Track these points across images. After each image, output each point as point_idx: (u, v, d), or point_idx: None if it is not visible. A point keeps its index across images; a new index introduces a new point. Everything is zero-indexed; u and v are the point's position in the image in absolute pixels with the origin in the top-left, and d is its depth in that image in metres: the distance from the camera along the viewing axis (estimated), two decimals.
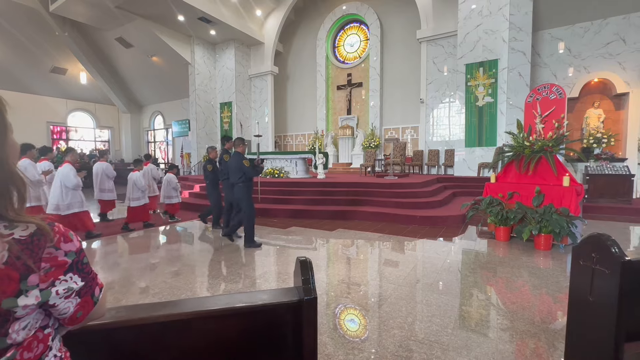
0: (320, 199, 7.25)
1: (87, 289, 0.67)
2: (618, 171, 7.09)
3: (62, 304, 0.63)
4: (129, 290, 3.13)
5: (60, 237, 0.63)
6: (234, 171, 4.53)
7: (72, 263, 0.64)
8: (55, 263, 0.62)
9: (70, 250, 0.65)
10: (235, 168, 4.50)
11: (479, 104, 9.21)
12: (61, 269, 0.62)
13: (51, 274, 0.61)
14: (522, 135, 5.07)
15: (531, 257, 4.00)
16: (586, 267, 1.37)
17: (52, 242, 0.62)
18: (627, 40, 8.50)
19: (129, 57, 15.03)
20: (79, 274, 0.66)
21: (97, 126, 19.21)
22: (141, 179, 6.03)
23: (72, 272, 0.64)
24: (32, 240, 0.59)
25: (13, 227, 0.59)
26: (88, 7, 11.47)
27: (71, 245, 0.65)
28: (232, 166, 4.59)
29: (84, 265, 0.67)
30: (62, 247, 0.63)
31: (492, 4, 8.83)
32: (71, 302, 0.65)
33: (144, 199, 6.08)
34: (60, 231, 0.64)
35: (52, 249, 0.61)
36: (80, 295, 0.66)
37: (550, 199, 4.56)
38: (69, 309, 0.65)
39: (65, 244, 0.64)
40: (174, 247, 4.84)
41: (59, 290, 0.62)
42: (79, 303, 0.66)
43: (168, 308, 0.90)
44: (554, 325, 2.39)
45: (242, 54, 14.65)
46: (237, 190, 4.56)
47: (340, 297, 2.92)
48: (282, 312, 0.95)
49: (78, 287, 0.65)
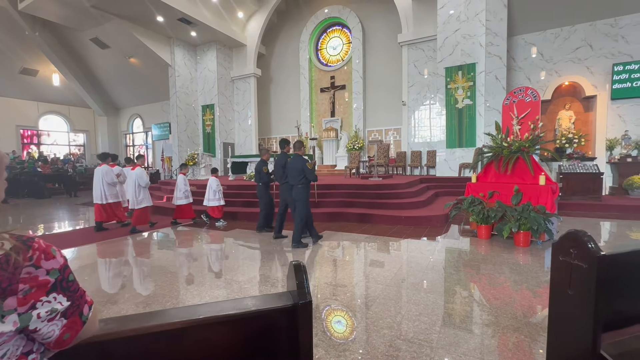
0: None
1: (74, 309, 0.63)
2: (589, 170, 7.48)
3: (45, 327, 0.58)
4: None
5: (41, 254, 0.58)
6: (295, 173, 4.66)
7: (56, 282, 0.59)
8: (35, 283, 0.56)
9: (53, 267, 0.59)
10: (296, 170, 4.65)
11: (459, 106, 9.49)
12: (43, 290, 0.57)
13: (31, 296, 0.55)
14: (501, 137, 5.27)
15: (511, 253, 4.15)
16: (565, 262, 1.44)
17: (31, 261, 0.56)
18: (594, 46, 9.01)
19: (106, 58, 14.54)
20: (63, 293, 0.60)
21: (72, 130, 18.45)
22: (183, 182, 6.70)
23: (55, 292, 0.59)
24: (7, 260, 0.54)
25: None
26: (60, 6, 11.00)
27: (54, 263, 0.60)
28: (293, 168, 4.70)
29: (69, 283, 0.62)
30: (43, 265, 0.58)
31: (469, 10, 9.14)
32: (56, 324, 0.60)
33: (188, 199, 6.68)
34: (40, 248, 0.58)
35: (32, 268, 0.56)
36: (66, 316, 0.61)
37: (527, 197, 4.75)
38: (54, 332, 0.60)
39: (46, 261, 0.58)
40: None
41: (41, 313, 0.57)
42: (66, 324, 0.61)
43: (159, 318, 0.87)
44: (534, 318, 2.49)
45: (224, 56, 14.47)
46: (296, 191, 4.71)
47: (329, 299, 2.93)
48: (276, 317, 0.95)
49: (63, 307, 0.60)
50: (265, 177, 5.67)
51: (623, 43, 8.71)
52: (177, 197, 6.69)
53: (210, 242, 5.35)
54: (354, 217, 6.43)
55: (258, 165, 5.72)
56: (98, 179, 6.26)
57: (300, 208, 4.70)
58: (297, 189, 4.71)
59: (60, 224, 7.31)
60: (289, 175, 4.81)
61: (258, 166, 5.72)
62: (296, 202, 4.74)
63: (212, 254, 4.76)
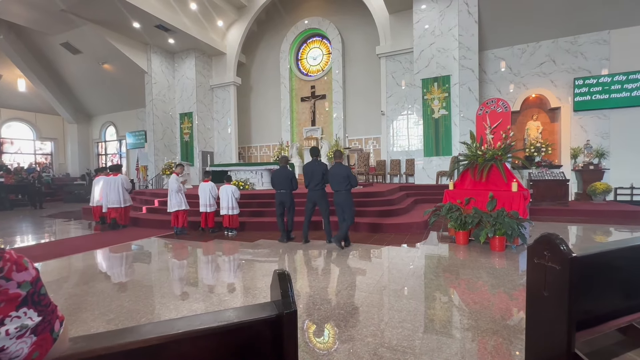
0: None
1: (45, 324, 0.58)
2: (556, 177, 7.91)
3: (13, 345, 0.53)
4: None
5: (12, 265, 0.54)
6: (340, 179, 4.97)
7: (27, 295, 0.55)
8: (5, 297, 0.52)
9: (25, 280, 0.55)
10: (342, 176, 4.97)
11: (435, 116, 9.83)
12: (13, 304, 0.53)
13: (0, 311, 0.51)
14: (475, 145, 5.48)
15: (488, 258, 4.28)
16: (540, 264, 1.49)
17: (1, 272, 0.52)
18: (557, 61, 9.67)
19: (77, 64, 13.97)
20: (34, 307, 0.56)
21: (38, 138, 17.47)
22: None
23: (26, 307, 0.55)
24: None
25: None
26: (28, 9, 10.50)
27: (25, 275, 0.55)
28: (338, 174, 5.00)
29: (41, 296, 0.58)
30: (14, 278, 0.53)
31: (442, 25, 9.58)
32: (25, 341, 0.54)
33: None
34: (11, 259, 0.54)
35: (2, 281, 0.52)
36: (36, 333, 0.56)
37: (502, 203, 4.94)
38: (22, 350, 0.54)
39: (17, 273, 0.54)
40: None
41: (10, 329, 0.52)
42: (35, 342, 0.56)
43: (134, 334, 0.82)
44: (512, 321, 2.56)
45: (203, 64, 14.30)
46: (343, 197, 5.03)
47: (311, 309, 2.88)
48: (260, 328, 0.91)
49: (34, 323, 0.55)
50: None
51: (582, 59, 9.40)
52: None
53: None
54: (335, 225, 6.42)
55: (290, 173, 5.62)
56: (115, 186, 7.21)
57: (350, 212, 5.03)
58: (341, 195, 5.03)
59: (29, 236, 6.83)
60: (333, 181, 5.05)
61: (290, 174, 5.60)
62: (344, 206, 5.03)
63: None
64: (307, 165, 5.43)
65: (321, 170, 5.27)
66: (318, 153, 5.56)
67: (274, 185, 5.62)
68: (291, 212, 5.68)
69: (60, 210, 11.34)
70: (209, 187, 6.42)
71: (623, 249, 1.53)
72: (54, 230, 7.66)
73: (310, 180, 5.31)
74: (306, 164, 5.46)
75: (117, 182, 7.23)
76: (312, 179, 5.27)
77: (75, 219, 9.30)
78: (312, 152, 5.55)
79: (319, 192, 5.31)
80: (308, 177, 5.34)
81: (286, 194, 5.55)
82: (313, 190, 5.31)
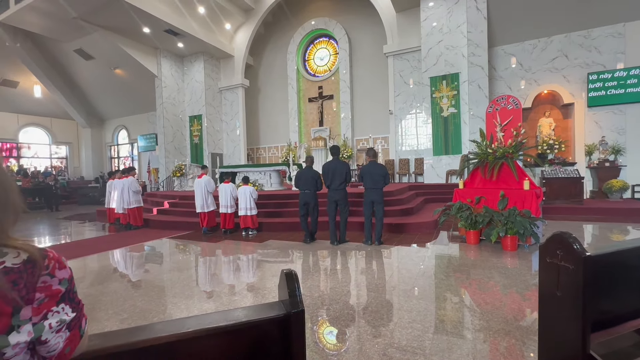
0: (296, 211, 7.19)
1: (76, 321, 0.61)
2: (570, 174, 7.72)
3: (53, 339, 0.56)
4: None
5: (55, 263, 0.58)
6: (378, 178, 4.98)
7: (65, 292, 0.58)
8: (49, 293, 0.55)
9: (64, 277, 0.58)
10: (380, 175, 4.98)
11: (444, 115, 9.71)
12: (54, 300, 0.56)
13: (44, 305, 0.54)
14: (485, 143, 5.40)
15: (500, 258, 4.21)
16: (553, 264, 1.46)
17: (47, 270, 0.55)
18: (569, 56, 9.44)
19: (90, 70, 14.31)
20: (70, 304, 0.59)
21: (54, 142, 17.95)
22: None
23: (64, 303, 0.58)
24: (25, 269, 0.53)
25: (3, 254, 0.53)
26: (43, 18, 10.82)
27: (64, 273, 0.59)
28: (375, 173, 4.99)
29: (74, 294, 0.61)
30: (57, 275, 0.57)
31: (451, 22, 9.46)
32: (61, 336, 0.58)
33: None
34: (54, 257, 0.58)
35: (47, 277, 0.55)
36: (70, 328, 0.59)
37: (513, 202, 4.85)
38: (59, 344, 0.58)
39: (59, 270, 0.58)
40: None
41: (52, 323, 0.55)
42: (68, 337, 0.59)
43: (145, 333, 0.84)
44: (525, 321, 2.51)
45: (212, 67, 14.47)
46: (379, 194, 5.06)
47: (320, 309, 2.89)
48: (268, 327, 0.92)
49: (69, 318, 0.59)
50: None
51: (596, 53, 9.15)
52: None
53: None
54: (354, 225, 6.40)
55: (315, 173, 5.44)
56: (125, 188, 7.46)
57: (381, 209, 5.10)
58: (377, 192, 5.04)
59: (46, 237, 7.03)
60: (370, 179, 5.03)
61: (315, 174, 5.43)
62: (379, 204, 5.07)
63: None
64: (328, 164, 5.31)
65: (345, 169, 5.18)
66: (339, 152, 5.47)
67: (298, 185, 5.49)
68: (315, 213, 5.55)
69: (75, 213, 11.64)
70: (230, 188, 6.46)
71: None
72: (70, 231, 7.87)
73: (332, 180, 5.19)
74: (327, 163, 5.35)
75: (127, 185, 7.50)
76: (335, 178, 5.16)
77: (90, 220, 9.53)
78: (333, 150, 5.44)
79: (342, 192, 5.21)
80: (329, 177, 5.21)
81: (310, 195, 5.42)
82: (336, 189, 5.20)
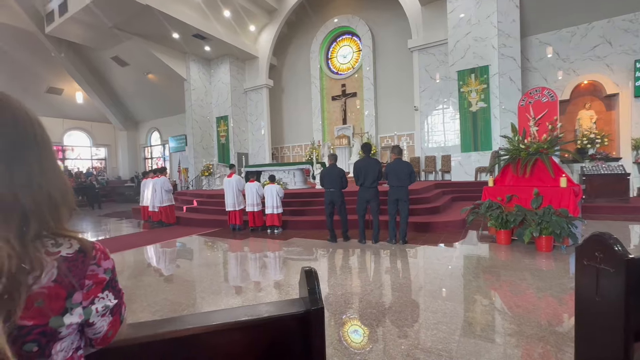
0: (322, 209, 7.22)
1: (117, 307, 0.67)
2: (614, 171, 7.16)
3: (99, 322, 0.63)
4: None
5: (102, 254, 0.64)
6: (404, 176, 4.95)
7: (109, 280, 0.65)
8: (96, 280, 0.62)
9: (108, 267, 0.65)
10: (406, 173, 4.95)
11: (473, 110, 9.33)
12: (100, 287, 0.63)
13: (92, 292, 0.61)
14: (517, 139, 5.13)
15: (533, 259, 3.99)
16: (591, 266, 1.37)
17: (94, 259, 0.62)
18: (613, 43, 8.71)
19: (125, 75, 15.16)
20: (112, 291, 0.66)
21: (94, 144, 19.23)
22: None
23: (108, 290, 0.65)
24: (77, 258, 0.60)
25: (58, 244, 0.59)
26: (84, 28, 11.61)
27: (109, 263, 0.65)
28: (402, 171, 4.96)
29: (116, 282, 0.68)
30: (102, 265, 0.63)
31: (480, 12, 9.05)
32: (105, 320, 0.65)
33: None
34: (100, 248, 0.65)
35: (95, 266, 0.62)
36: (112, 314, 0.66)
37: (548, 200, 4.57)
38: (103, 327, 0.65)
39: (105, 261, 0.64)
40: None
41: (98, 307, 0.62)
42: (111, 322, 0.66)
43: (173, 324, 0.88)
44: (561, 327, 2.37)
45: (237, 68, 14.82)
46: (402, 191, 5.02)
47: (343, 307, 2.89)
48: (288, 324, 0.94)
49: (112, 304, 0.65)
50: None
51: None
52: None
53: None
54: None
55: (340, 171, 5.44)
56: (158, 187, 7.96)
57: (406, 207, 5.05)
58: (402, 190, 5.00)
59: (89, 233, 7.56)
60: (396, 177, 4.97)
61: (340, 172, 5.43)
62: (404, 202, 5.03)
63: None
64: (360, 162, 5.24)
65: (377, 167, 5.10)
66: (371, 149, 5.38)
67: (324, 183, 5.47)
68: (343, 211, 5.49)
69: (113, 210, 12.41)
70: (256, 187, 6.64)
71: None
72: (109, 228, 8.42)
73: (364, 178, 5.09)
74: (358, 161, 5.28)
75: (160, 184, 7.99)
76: (367, 176, 5.07)
77: (126, 218, 10.13)
78: (365, 148, 5.36)
79: (373, 191, 5.13)
80: (362, 175, 5.12)
81: (336, 193, 5.39)
82: (368, 188, 5.11)
